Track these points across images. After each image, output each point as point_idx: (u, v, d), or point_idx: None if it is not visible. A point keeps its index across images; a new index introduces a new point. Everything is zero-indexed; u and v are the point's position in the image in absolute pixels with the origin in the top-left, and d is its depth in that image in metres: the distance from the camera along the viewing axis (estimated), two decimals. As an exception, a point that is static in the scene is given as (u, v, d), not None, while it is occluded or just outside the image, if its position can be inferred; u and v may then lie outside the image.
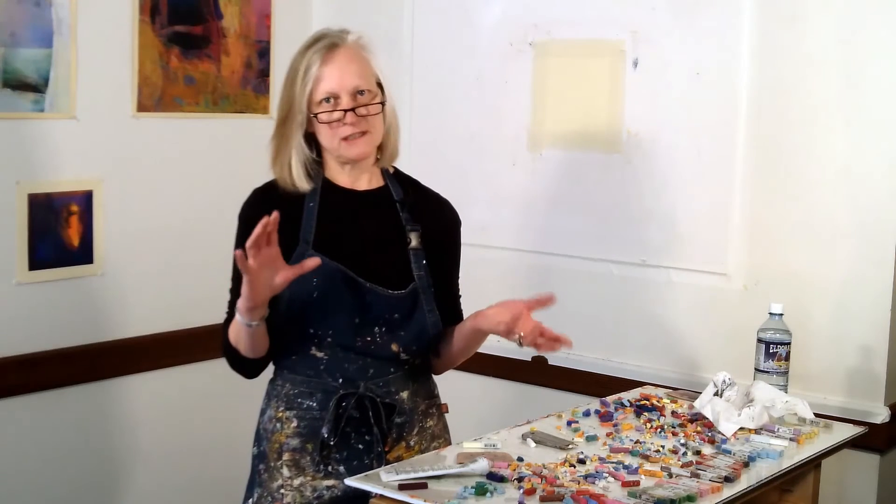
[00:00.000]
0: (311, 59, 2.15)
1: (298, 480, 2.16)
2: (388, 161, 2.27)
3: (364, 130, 2.15)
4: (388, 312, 2.16)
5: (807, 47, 2.73)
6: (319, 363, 2.16)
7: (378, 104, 2.17)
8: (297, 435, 2.17)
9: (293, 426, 2.17)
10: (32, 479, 2.95)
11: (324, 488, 2.16)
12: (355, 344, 2.15)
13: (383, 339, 2.16)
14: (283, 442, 2.18)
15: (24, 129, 2.85)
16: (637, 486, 1.92)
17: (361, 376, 2.16)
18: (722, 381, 2.37)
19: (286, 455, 2.17)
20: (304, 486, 2.16)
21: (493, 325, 2.11)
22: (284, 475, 2.17)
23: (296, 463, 2.16)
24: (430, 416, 2.28)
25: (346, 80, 2.14)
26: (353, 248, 2.17)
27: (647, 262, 3.02)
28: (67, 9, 2.90)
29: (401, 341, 2.18)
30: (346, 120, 2.13)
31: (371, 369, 2.17)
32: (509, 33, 3.24)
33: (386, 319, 2.17)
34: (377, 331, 2.16)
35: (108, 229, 3.05)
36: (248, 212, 2.20)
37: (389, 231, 2.21)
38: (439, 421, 2.31)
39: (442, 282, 2.26)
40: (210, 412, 3.35)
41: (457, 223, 2.33)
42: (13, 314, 2.87)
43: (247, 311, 2.02)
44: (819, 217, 2.73)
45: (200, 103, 3.27)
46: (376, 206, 2.23)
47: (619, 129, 3.04)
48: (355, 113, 2.13)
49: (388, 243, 2.20)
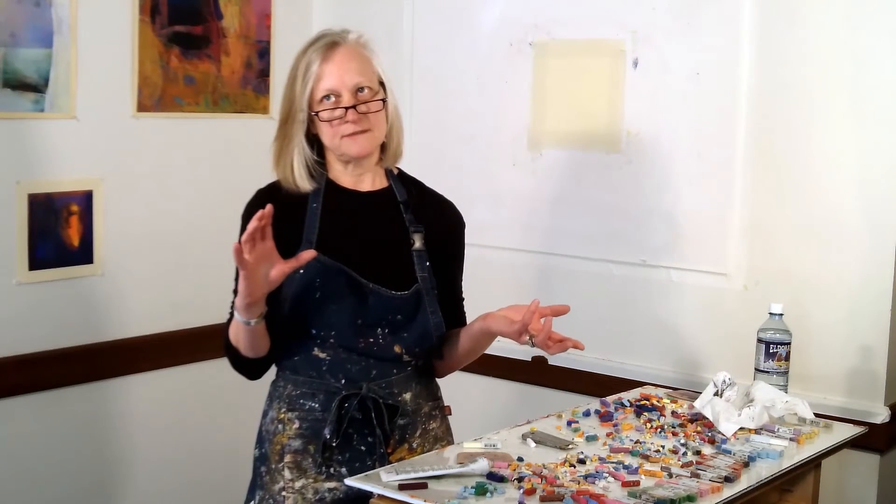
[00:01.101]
0: (311, 57, 2.14)
1: (300, 482, 2.15)
2: (392, 161, 2.26)
3: (365, 128, 2.14)
4: (391, 314, 2.16)
5: (807, 47, 2.73)
6: (322, 364, 2.16)
7: (379, 101, 2.16)
8: (300, 436, 2.16)
9: (295, 427, 2.17)
10: (32, 479, 2.95)
11: (325, 490, 2.15)
12: (357, 345, 2.15)
13: (386, 340, 2.16)
14: (284, 443, 2.17)
15: (24, 129, 2.85)
16: (637, 486, 1.92)
17: (364, 377, 2.15)
18: (722, 381, 2.37)
19: (288, 457, 2.16)
20: (306, 488, 2.15)
21: (506, 325, 2.09)
22: (286, 477, 2.16)
23: (297, 465, 2.16)
24: (434, 419, 2.27)
25: (347, 77, 2.13)
26: (355, 249, 2.16)
27: (647, 262, 3.02)
28: (67, 9, 2.90)
29: (403, 343, 2.17)
30: (348, 117, 2.13)
31: (374, 370, 2.16)
32: (509, 33, 3.24)
33: (389, 321, 2.16)
34: (380, 332, 2.16)
35: (108, 229, 3.05)
36: (251, 212, 2.16)
37: (393, 232, 2.21)
38: (442, 423, 2.30)
39: (445, 284, 2.25)
40: (210, 413, 3.35)
41: (460, 225, 2.32)
42: (13, 314, 2.87)
43: (244, 308, 2.01)
44: (819, 217, 2.73)
45: (200, 103, 3.27)
46: (380, 207, 2.22)
47: (619, 129, 3.04)
48: (356, 110, 2.13)
49: (391, 244, 2.20)
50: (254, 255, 1.93)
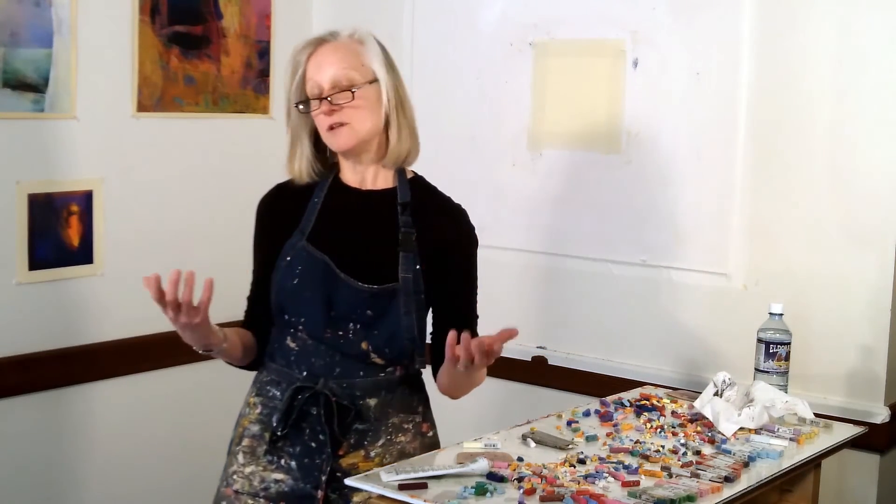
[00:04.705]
0: (300, 55, 2.17)
1: (250, 468, 2.17)
2: (395, 161, 2.20)
3: (341, 121, 2.12)
4: (361, 307, 2.12)
5: (807, 47, 2.73)
6: (291, 353, 2.17)
7: (348, 92, 2.11)
8: (259, 422, 2.19)
9: (257, 413, 2.20)
10: (32, 479, 2.95)
11: (272, 480, 2.15)
12: (324, 335, 2.13)
13: (356, 335, 2.13)
14: (245, 427, 2.20)
15: (24, 129, 2.85)
16: (637, 486, 1.92)
17: (327, 373, 2.13)
18: (722, 381, 2.37)
19: (245, 441, 2.19)
20: (254, 475, 2.16)
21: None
22: (239, 461, 2.19)
23: (252, 450, 2.18)
24: (405, 433, 2.18)
25: (326, 69, 2.12)
26: (343, 243, 2.16)
27: (647, 262, 3.02)
28: (67, 9, 2.90)
29: (372, 340, 2.13)
30: (321, 109, 2.12)
31: (338, 368, 2.13)
32: (509, 33, 3.23)
33: (359, 315, 2.12)
34: (351, 326, 2.13)
35: (108, 229, 3.05)
36: (259, 206, 2.27)
37: (382, 230, 2.17)
38: (415, 440, 2.19)
39: (446, 296, 2.19)
40: (210, 412, 3.35)
41: (466, 235, 2.23)
42: (13, 314, 2.87)
43: (199, 346, 2.10)
44: (819, 217, 2.73)
45: (200, 103, 3.27)
46: (378, 206, 2.21)
47: (619, 129, 3.04)
48: (329, 102, 2.11)
49: (380, 242, 2.16)
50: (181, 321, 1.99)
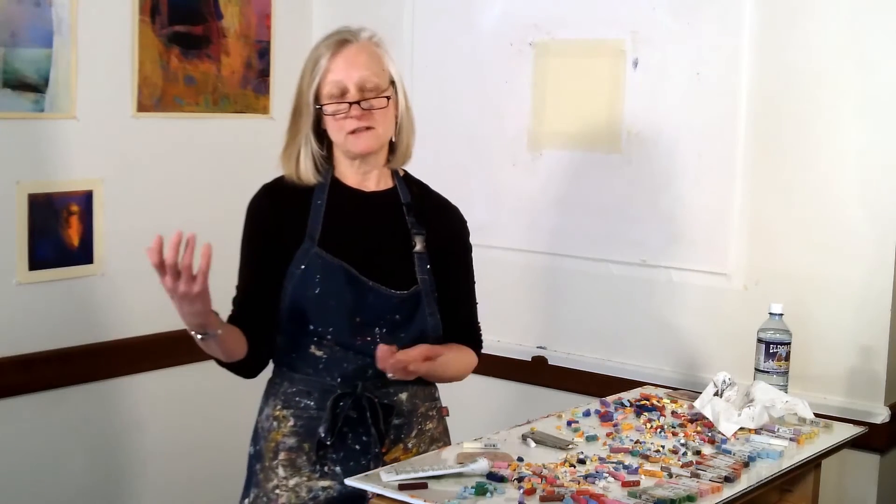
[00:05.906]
0: (322, 51, 2.15)
1: (294, 480, 2.15)
2: (400, 162, 2.26)
3: (369, 125, 2.14)
4: (390, 313, 2.16)
5: (807, 47, 2.73)
6: (318, 362, 2.16)
7: (384, 98, 2.15)
8: (294, 434, 2.16)
9: (290, 425, 2.17)
10: (32, 479, 2.95)
11: (319, 489, 2.15)
12: (355, 343, 2.15)
13: (384, 339, 2.15)
14: (279, 441, 2.17)
15: (24, 129, 2.85)
16: (637, 486, 1.92)
17: (360, 376, 2.16)
18: (722, 381, 2.37)
19: (282, 454, 2.17)
20: (300, 486, 2.15)
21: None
22: (280, 475, 2.16)
23: (292, 462, 2.16)
24: (430, 419, 2.27)
25: (353, 72, 2.13)
26: (358, 248, 2.17)
27: (647, 262, 3.02)
28: (67, 9, 2.90)
29: (401, 343, 2.16)
30: (351, 113, 2.12)
31: (370, 370, 2.15)
32: (509, 33, 3.23)
33: (387, 320, 2.16)
34: (378, 331, 2.16)
35: (108, 229, 3.05)
36: (254, 206, 2.22)
37: (395, 233, 2.21)
38: (439, 424, 2.30)
39: (448, 289, 2.24)
40: (210, 412, 3.35)
41: (463, 230, 2.31)
42: (13, 314, 2.86)
43: (197, 325, 2.01)
44: (819, 217, 2.73)
45: (200, 103, 3.27)
46: (383, 208, 2.22)
47: (619, 129, 3.04)
48: (360, 106, 2.12)
49: (393, 245, 2.20)
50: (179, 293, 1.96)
